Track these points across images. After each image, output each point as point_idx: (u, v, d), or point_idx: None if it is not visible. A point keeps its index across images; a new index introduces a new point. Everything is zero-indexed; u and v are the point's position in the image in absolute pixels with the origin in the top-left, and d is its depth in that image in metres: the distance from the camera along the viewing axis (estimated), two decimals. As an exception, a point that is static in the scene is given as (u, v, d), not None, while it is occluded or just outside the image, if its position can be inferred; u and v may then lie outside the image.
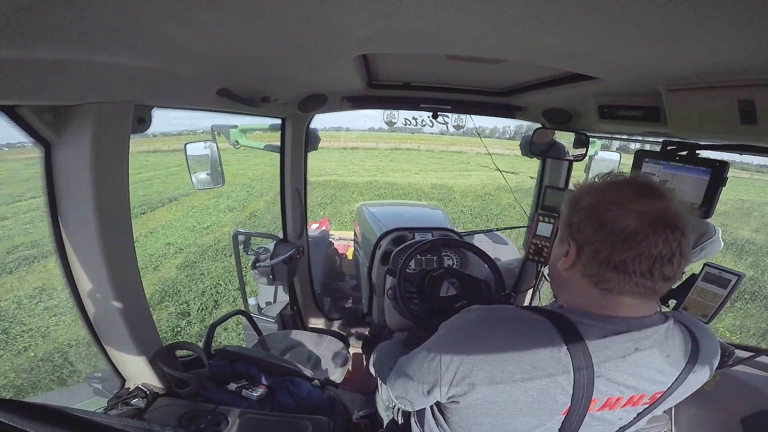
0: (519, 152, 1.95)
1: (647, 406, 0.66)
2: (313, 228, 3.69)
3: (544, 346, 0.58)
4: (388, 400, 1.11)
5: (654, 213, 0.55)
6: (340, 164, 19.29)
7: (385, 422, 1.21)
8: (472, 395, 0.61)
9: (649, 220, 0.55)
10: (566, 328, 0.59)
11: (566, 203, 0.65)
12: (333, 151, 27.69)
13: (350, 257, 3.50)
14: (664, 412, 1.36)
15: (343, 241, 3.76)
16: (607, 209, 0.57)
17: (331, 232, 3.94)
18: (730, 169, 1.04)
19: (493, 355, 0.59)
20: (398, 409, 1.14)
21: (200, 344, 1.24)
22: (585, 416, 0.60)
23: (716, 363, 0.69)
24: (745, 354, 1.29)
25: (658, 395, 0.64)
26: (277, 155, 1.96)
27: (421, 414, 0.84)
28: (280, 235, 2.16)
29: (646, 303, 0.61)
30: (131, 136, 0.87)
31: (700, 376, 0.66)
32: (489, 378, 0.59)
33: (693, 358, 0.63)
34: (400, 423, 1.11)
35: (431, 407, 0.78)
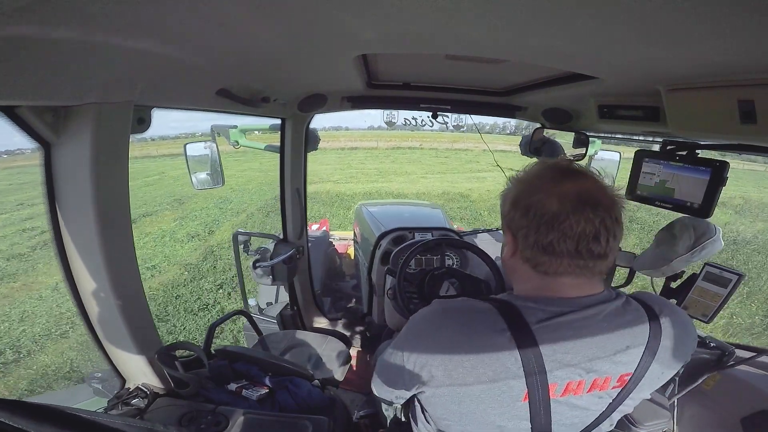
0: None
1: (619, 389, 0.64)
2: (314, 228, 3.69)
3: (489, 333, 0.59)
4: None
5: (575, 193, 0.56)
6: (337, 167, 17.27)
7: (388, 420, 1.21)
8: (432, 387, 0.63)
9: (569, 199, 0.56)
10: (511, 314, 0.60)
11: (500, 196, 0.68)
12: (330, 152, 25.30)
13: (351, 256, 3.50)
14: (666, 410, 1.36)
15: (344, 241, 3.76)
16: (531, 195, 0.60)
17: (331, 232, 3.94)
18: (737, 161, 1.03)
19: (444, 347, 0.61)
20: (398, 406, 1.14)
21: (200, 344, 1.24)
22: (549, 402, 0.60)
23: (691, 342, 0.67)
24: (745, 354, 1.29)
25: (627, 377, 0.62)
26: (270, 156, 1.96)
27: (413, 408, 0.85)
28: (280, 235, 2.17)
29: (588, 282, 0.62)
30: (131, 136, 0.88)
31: (673, 356, 0.64)
32: (442, 368, 0.60)
33: (655, 337, 0.61)
34: (402, 420, 1.11)
35: (416, 399, 0.79)
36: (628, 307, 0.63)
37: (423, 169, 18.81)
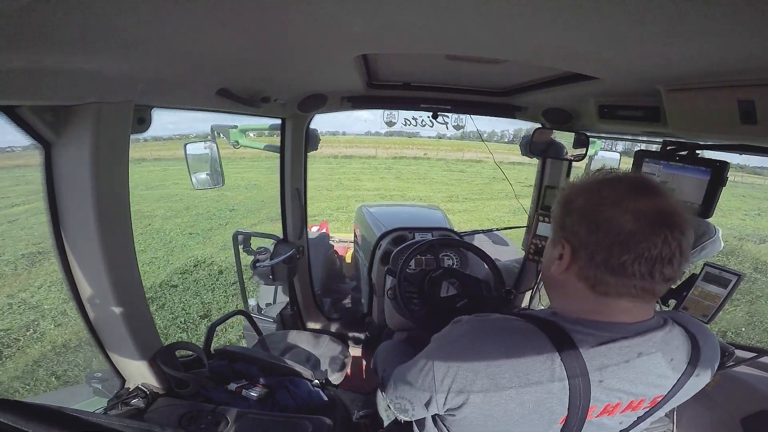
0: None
1: (648, 409, 0.64)
2: (314, 230, 3.69)
3: (538, 357, 0.56)
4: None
5: (651, 211, 0.52)
6: (323, 185, 12.63)
7: (386, 422, 1.21)
8: (468, 408, 0.60)
9: (646, 219, 0.52)
10: (559, 336, 0.58)
11: (558, 203, 0.62)
12: (320, 162, 19.65)
13: (350, 259, 3.50)
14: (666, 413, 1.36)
15: (344, 243, 3.77)
16: (602, 209, 0.55)
17: (331, 235, 3.95)
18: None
19: (486, 369, 0.57)
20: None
21: (200, 344, 1.24)
22: (584, 424, 0.59)
23: (717, 364, 0.67)
24: (746, 354, 1.29)
25: (659, 399, 0.63)
26: (245, 167, 1.93)
27: (421, 420, 0.83)
28: (280, 235, 2.17)
29: (644, 306, 0.59)
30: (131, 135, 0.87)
31: (702, 378, 0.65)
32: (483, 392, 0.58)
33: (694, 361, 0.62)
34: (402, 422, 1.11)
35: (435, 416, 0.77)
36: (674, 331, 0.62)
37: (440, 191, 13.79)
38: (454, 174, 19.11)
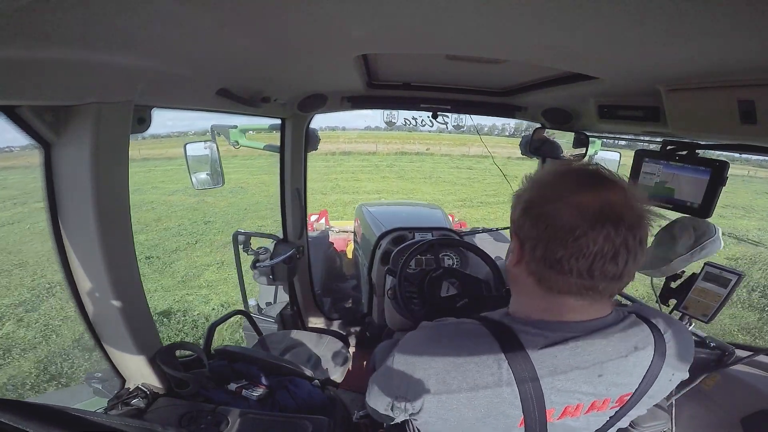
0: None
1: (617, 408, 0.62)
2: (312, 220, 3.69)
3: (485, 361, 0.55)
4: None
5: (595, 206, 0.50)
6: (317, 189, 10.91)
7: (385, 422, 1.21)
8: (425, 414, 0.60)
9: (588, 214, 0.49)
10: (508, 338, 0.56)
11: (513, 196, 0.61)
12: (317, 159, 17.55)
13: (350, 255, 3.51)
14: (664, 410, 1.36)
15: (344, 234, 3.77)
16: (544, 203, 0.54)
17: (331, 224, 3.96)
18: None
19: (437, 374, 0.57)
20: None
21: (200, 344, 1.24)
22: (546, 426, 0.58)
23: (691, 356, 0.65)
24: (745, 354, 1.29)
25: (627, 397, 0.61)
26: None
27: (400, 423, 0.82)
28: (280, 235, 2.17)
29: (594, 304, 0.57)
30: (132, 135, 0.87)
31: (676, 372, 0.63)
32: (435, 396, 0.57)
33: (660, 354, 0.59)
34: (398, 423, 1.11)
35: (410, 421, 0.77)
36: (633, 327, 0.59)
37: (450, 193, 12.16)
38: (462, 171, 17.63)
